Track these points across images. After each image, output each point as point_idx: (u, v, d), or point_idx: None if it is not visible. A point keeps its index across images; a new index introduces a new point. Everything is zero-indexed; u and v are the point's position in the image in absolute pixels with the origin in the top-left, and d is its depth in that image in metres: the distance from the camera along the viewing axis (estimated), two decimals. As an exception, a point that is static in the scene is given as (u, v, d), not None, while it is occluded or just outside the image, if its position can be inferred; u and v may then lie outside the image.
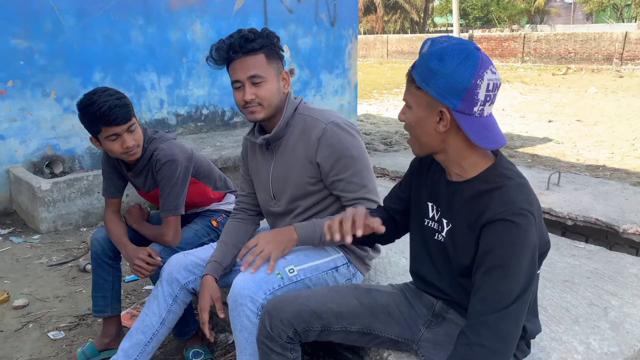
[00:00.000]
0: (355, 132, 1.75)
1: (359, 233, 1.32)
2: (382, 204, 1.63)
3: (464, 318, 1.25)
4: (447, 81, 1.16)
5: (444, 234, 1.36)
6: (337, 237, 1.35)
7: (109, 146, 1.95)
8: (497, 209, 1.19)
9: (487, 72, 1.16)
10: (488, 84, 1.17)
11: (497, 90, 1.20)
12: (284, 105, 1.75)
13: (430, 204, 1.41)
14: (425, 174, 1.45)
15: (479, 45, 1.23)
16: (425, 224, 1.43)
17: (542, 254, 1.27)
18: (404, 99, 1.28)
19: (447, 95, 1.17)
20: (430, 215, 1.41)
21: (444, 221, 1.36)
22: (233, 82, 1.69)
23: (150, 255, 1.98)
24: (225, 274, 1.89)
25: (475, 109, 1.18)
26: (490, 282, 1.17)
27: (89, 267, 3.09)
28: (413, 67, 1.24)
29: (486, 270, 1.19)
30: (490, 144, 1.19)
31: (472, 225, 1.24)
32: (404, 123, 1.31)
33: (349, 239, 1.34)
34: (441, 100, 1.18)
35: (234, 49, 1.64)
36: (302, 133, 1.73)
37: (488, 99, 1.18)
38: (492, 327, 1.15)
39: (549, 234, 1.34)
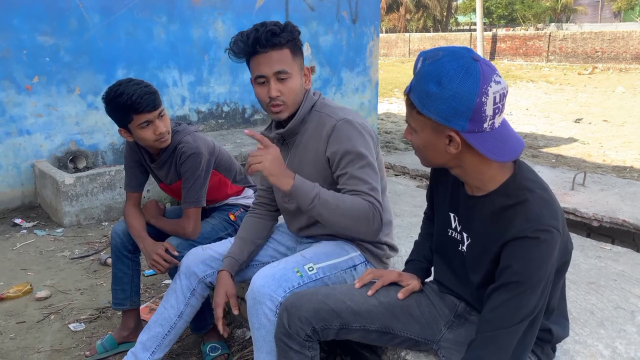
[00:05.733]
0: (367, 132, 1.67)
1: (369, 293, 1.48)
2: (381, 202, 1.56)
3: None
4: (450, 105, 1.09)
5: (465, 247, 1.34)
6: (358, 285, 1.51)
7: (141, 134, 1.96)
8: (521, 225, 1.14)
9: (490, 86, 1.08)
10: (494, 97, 1.09)
11: (505, 98, 1.13)
12: (302, 101, 1.72)
13: (452, 215, 1.38)
14: (444, 183, 1.41)
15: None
16: (449, 234, 1.40)
17: (565, 263, 1.23)
18: (407, 121, 1.22)
19: (453, 119, 1.11)
20: (453, 226, 1.38)
21: (465, 235, 1.33)
22: (256, 77, 1.63)
23: (167, 251, 1.99)
24: (241, 270, 1.89)
25: (485, 124, 1.11)
26: (505, 295, 1.16)
27: (109, 260, 3.12)
28: (410, 89, 1.17)
29: (504, 283, 1.16)
30: (507, 156, 1.13)
31: (494, 241, 1.20)
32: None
33: (370, 293, 1.49)
34: (447, 124, 1.12)
35: (260, 43, 1.58)
36: (315, 130, 1.70)
37: (497, 110, 1.11)
38: (501, 342, 1.15)
39: (574, 234, 1.31)
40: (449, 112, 1.10)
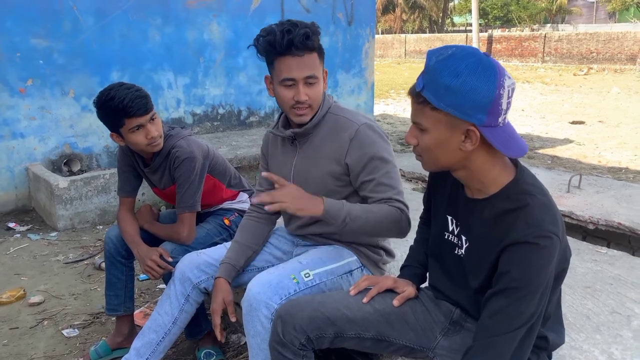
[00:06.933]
0: (385, 135, 1.71)
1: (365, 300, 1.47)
2: (407, 206, 1.61)
3: None
4: (471, 97, 1.09)
5: (463, 250, 1.32)
6: (353, 293, 1.49)
7: (133, 139, 1.95)
8: (522, 230, 1.13)
9: (505, 79, 1.10)
10: (508, 91, 1.11)
11: (514, 94, 1.14)
12: (321, 103, 1.71)
13: (449, 218, 1.37)
14: (442, 185, 1.40)
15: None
16: (446, 237, 1.39)
17: (563, 271, 1.23)
18: (415, 121, 1.20)
19: (472, 112, 1.10)
20: (450, 229, 1.37)
21: (464, 238, 1.32)
22: (284, 80, 1.59)
23: (161, 257, 1.98)
24: (237, 275, 1.87)
25: (500, 119, 1.12)
26: (504, 301, 1.15)
27: (104, 265, 3.10)
28: (422, 86, 1.15)
29: (503, 288, 1.15)
30: (517, 151, 1.14)
31: (494, 245, 1.19)
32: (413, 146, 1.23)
33: (365, 300, 1.47)
34: (466, 118, 1.11)
35: (295, 45, 1.55)
36: (331, 132, 1.69)
37: (508, 106, 1.13)
38: (499, 349, 1.14)
39: (570, 238, 1.31)
40: (468, 105, 1.10)
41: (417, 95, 1.16)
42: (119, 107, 1.87)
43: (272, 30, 1.57)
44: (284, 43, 1.54)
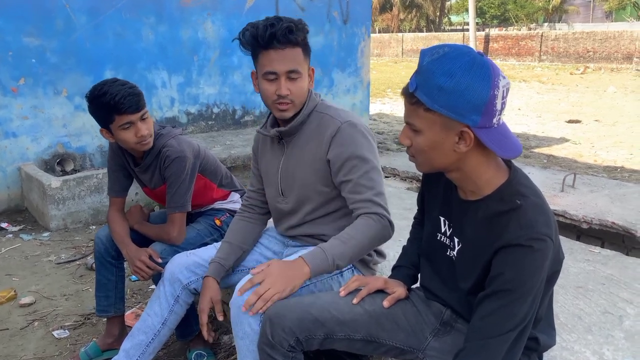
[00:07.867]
0: (370, 135, 1.67)
1: (354, 301, 1.44)
2: (387, 209, 1.57)
3: None
4: (465, 98, 1.07)
5: (455, 252, 1.31)
6: (343, 293, 1.47)
7: (122, 136, 1.92)
8: (515, 232, 1.12)
9: (500, 79, 1.08)
10: (503, 91, 1.09)
11: (508, 94, 1.12)
12: (306, 101, 1.69)
13: (442, 219, 1.35)
14: (435, 186, 1.39)
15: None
16: (438, 238, 1.37)
17: (555, 273, 1.22)
18: (408, 122, 1.17)
19: (466, 113, 1.08)
20: (443, 230, 1.36)
21: (456, 240, 1.30)
22: (266, 73, 1.58)
23: (151, 257, 1.96)
24: (227, 275, 1.86)
25: (494, 120, 1.10)
26: (496, 303, 1.14)
27: (96, 265, 3.08)
28: (415, 87, 1.12)
29: (495, 291, 1.14)
30: (512, 152, 1.12)
31: (487, 247, 1.18)
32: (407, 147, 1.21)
33: (355, 301, 1.45)
34: (460, 119, 1.09)
35: (277, 39, 1.54)
36: (316, 131, 1.67)
37: (503, 106, 1.10)
38: (491, 351, 1.13)
39: (563, 237, 1.30)
40: (462, 106, 1.07)
41: (410, 95, 1.14)
42: (110, 103, 1.85)
43: (257, 24, 1.57)
44: (267, 36, 1.54)
